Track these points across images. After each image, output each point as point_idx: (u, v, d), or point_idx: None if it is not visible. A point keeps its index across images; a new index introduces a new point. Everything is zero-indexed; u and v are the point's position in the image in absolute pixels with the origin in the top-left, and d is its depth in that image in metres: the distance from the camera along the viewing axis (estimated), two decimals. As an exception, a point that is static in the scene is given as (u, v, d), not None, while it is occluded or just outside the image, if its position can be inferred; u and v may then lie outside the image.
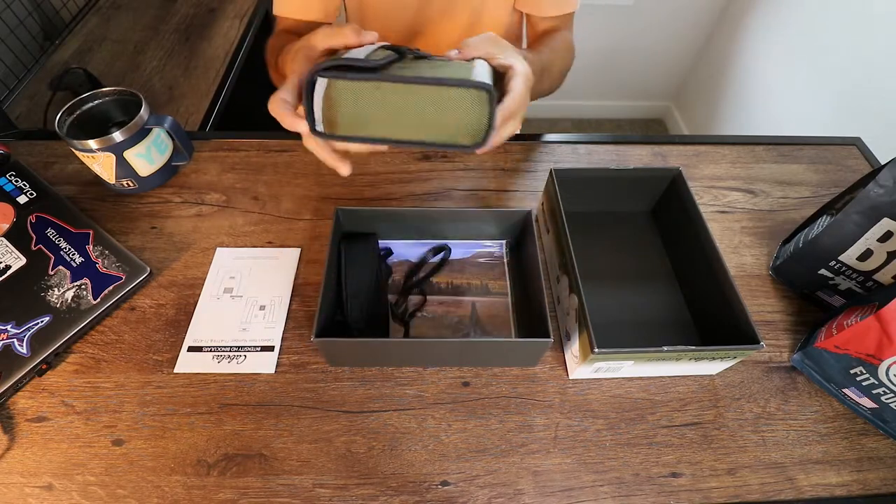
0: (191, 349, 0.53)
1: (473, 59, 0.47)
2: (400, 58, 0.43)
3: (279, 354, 0.53)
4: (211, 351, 0.52)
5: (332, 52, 0.46)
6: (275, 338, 0.54)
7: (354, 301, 0.53)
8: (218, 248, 0.61)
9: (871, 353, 0.43)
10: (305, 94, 0.39)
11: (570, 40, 0.76)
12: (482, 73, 0.42)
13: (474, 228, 0.60)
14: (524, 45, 0.91)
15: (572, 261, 0.50)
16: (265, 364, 0.52)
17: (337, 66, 0.38)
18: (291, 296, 0.57)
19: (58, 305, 0.53)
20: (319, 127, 0.41)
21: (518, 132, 0.63)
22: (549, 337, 0.45)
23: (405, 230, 0.60)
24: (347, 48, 0.44)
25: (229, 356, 0.52)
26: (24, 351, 0.50)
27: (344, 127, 0.41)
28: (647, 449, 0.48)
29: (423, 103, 0.39)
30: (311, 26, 0.71)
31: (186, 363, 0.52)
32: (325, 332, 0.48)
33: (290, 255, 0.60)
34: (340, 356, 0.51)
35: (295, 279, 0.58)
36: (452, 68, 0.42)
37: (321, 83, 0.39)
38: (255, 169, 0.70)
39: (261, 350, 0.53)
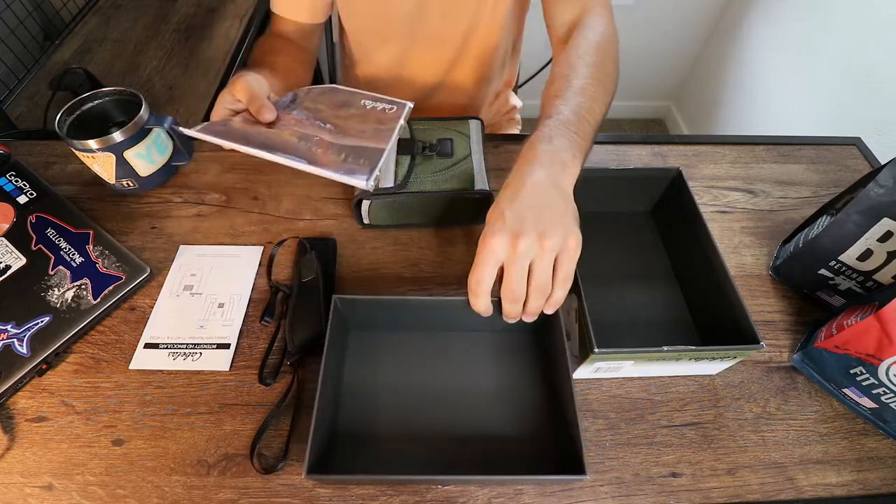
0: (147, 346, 0.53)
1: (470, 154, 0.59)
2: (413, 159, 0.59)
3: (234, 353, 0.52)
4: (167, 348, 0.52)
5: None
6: (231, 336, 0.54)
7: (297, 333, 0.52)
8: (181, 246, 0.61)
9: (871, 353, 0.43)
10: (354, 206, 0.59)
11: (599, 30, 0.60)
12: (479, 172, 0.59)
13: (495, 319, 0.47)
14: (522, 44, 0.91)
15: (572, 261, 0.50)
16: (220, 362, 0.52)
17: (374, 193, 0.56)
18: (251, 294, 0.57)
19: (58, 305, 0.53)
20: (367, 221, 0.61)
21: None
22: (582, 471, 0.40)
23: (412, 321, 0.52)
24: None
25: (185, 353, 0.52)
26: (24, 351, 0.50)
27: (384, 220, 0.62)
28: (646, 449, 0.48)
29: (440, 203, 0.60)
30: (304, 26, 0.75)
31: (142, 360, 0.52)
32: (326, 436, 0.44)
33: (252, 253, 0.61)
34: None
35: (256, 276, 0.58)
36: (457, 171, 0.59)
37: (365, 203, 0.59)
38: (255, 169, 0.70)
39: (216, 348, 0.53)
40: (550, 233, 0.40)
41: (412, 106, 0.59)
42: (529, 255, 0.40)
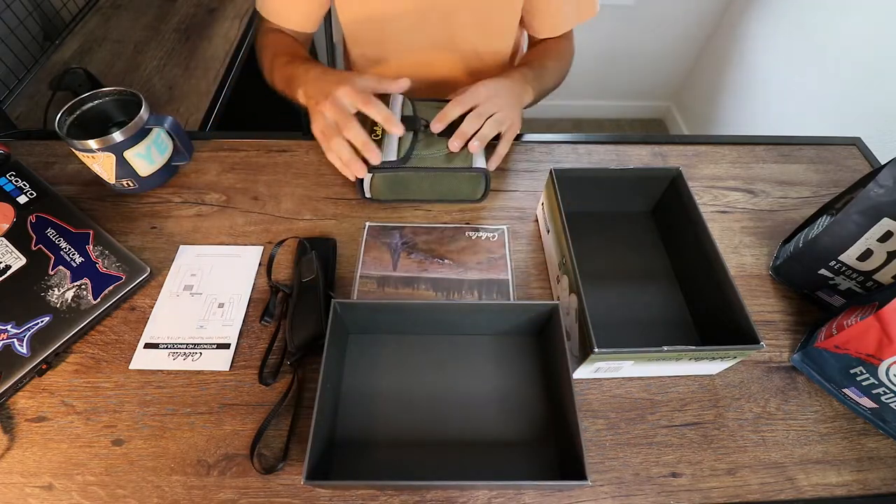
0: (147, 346, 0.53)
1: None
2: (415, 135, 0.62)
3: (234, 353, 0.52)
4: (167, 348, 0.52)
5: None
6: (231, 336, 0.54)
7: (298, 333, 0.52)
8: (181, 246, 0.61)
9: (871, 353, 0.43)
10: (357, 181, 0.62)
11: (567, 45, 0.81)
12: (479, 159, 0.62)
13: (496, 323, 0.53)
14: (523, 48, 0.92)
15: (572, 261, 0.50)
16: (220, 362, 0.52)
17: (376, 166, 0.58)
18: (251, 294, 0.57)
19: (58, 305, 0.53)
20: (368, 195, 0.64)
21: (518, 132, 0.67)
22: (583, 477, 0.40)
23: (411, 324, 0.53)
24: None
25: (185, 353, 0.52)
26: (24, 351, 0.50)
27: (384, 195, 0.65)
28: (647, 449, 0.48)
29: (438, 180, 0.63)
30: (294, 33, 0.76)
31: (142, 360, 0.52)
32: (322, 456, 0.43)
33: (252, 253, 0.61)
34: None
35: (256, 276, 0.58)
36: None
37: (367, 177, 0.62)
38: (255, 169, 0.70)
39: (216, 348, 0.53)
40: (510, 113, 0.63)
41: (508, 227, 0.65)
42: (494, 109, 0.61)
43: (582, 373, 0.50)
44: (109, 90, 0.64)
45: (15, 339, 0.50)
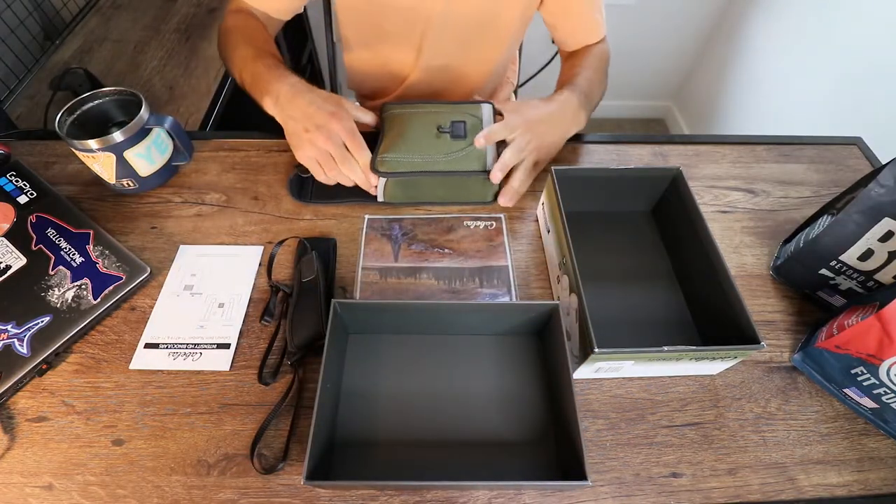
0: (147, 346, 0.53)
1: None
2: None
3: (234, 353, 0.52)
4: (167, 348, 0.52)
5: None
6: (231, 336, 0.54)
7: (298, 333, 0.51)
8: (181, 246, 0.61)
9: (871, 353, 0.43)
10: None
11: (603, 49, 0.81)
12: (491, 153, 0.63)
13: (496, 323, 0.53)
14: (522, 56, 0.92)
15: (572, 261, 0.50)
16: (220, 362, 0.52)
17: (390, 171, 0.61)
18: (251, 294, 0.57)
19: (58, 305, 0.53)
20: (381, 198, 0.64)
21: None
22: (583, 477, 0.40)
23: (411, 324, 0.52)
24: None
25: (185, 353, 0.52)
26: (25, 351, 0.50)
27: (398, 198, 0.65)
28: (647, 449, 0.48)
29: (451, 183, 0.63)
30: (267, 17, 0.73)
31: (142, 360, 0.52)
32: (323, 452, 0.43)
33: (252, 253, 0.61)
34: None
35: (256, 276, 0.58)
36: (470, 152, 0.62)
37: (381, 181, 0.62)
38: (255, 169, 0.70)
39: (216, 348, 0.53)
40: (543, 154, 0.65)
41: (505, 216, 0.65)
42: (528, 151, 0.62)
43: (582, 373, 0.50)
44: (109, 90, 0.64)
45: (15, 339, 0.50)
